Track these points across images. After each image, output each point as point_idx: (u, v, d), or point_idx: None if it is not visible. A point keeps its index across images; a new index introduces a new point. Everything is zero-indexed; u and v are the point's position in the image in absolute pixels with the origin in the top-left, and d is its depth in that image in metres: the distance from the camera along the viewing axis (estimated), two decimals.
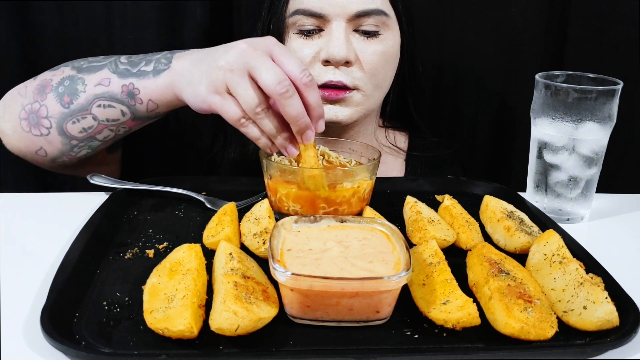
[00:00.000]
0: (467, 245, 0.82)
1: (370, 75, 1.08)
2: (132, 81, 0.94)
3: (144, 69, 0.94)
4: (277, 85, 0.79)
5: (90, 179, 1.00)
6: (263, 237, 0.79)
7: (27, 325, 0.64)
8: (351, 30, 1.07)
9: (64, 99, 0.95)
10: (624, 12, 1.31)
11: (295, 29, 1.08)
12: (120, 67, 0.96)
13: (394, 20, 1.11)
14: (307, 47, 1.07)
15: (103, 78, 0.95)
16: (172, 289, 0.66)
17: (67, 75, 0.97)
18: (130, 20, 1.34)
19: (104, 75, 0.95)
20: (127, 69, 0.95)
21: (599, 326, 0.63)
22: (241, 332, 0.60)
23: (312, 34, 1.08)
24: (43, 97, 0.97)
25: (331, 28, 1.06)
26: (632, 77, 1.30)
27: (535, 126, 0.98)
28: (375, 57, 1.08)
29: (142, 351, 0.60)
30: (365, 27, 1.07)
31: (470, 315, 0.62)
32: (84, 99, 0.95)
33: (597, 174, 0.97)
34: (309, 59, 1.07)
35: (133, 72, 0.94)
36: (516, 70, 1.40)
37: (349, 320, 0.64)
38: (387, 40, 1.10)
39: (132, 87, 0.94)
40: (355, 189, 0.86)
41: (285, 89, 0.80)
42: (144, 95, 0.94)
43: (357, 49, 1.07)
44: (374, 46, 1.08)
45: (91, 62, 0.99)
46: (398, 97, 1.23)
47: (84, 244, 0.78)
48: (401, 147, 1.27)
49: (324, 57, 1.05)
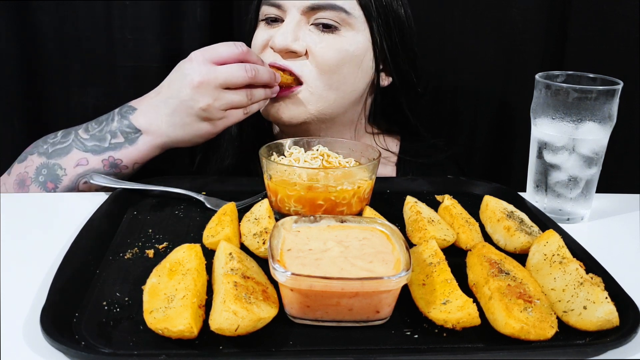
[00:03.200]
0: (467, 245, 0.82)
1: (322, 71, 1.06)
2: (110, 154, 1.00)
3: (114, 142, 1.00)
4: (247, 73, 0.97)
5: (90, 179, 1.00)
6: (263, 237, 0.78)
7: (27, 325, 0.64)
8: (308, 24, 1.07)
9: (48, 186, 1.00)
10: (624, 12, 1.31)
11: (262, 17, 1.12)
12: (89, 145, 1.00)
13: (361, 21, 1.09)
14: (264, 35, 1.10)
15: (79, 159, 1.00)
16: (172, 289, 0.66)
17: (39, 164, 1.01)
18: (130, 20, 1.34)
19: (77, 156, 1.00)
20: (97, 145, 1.00)
21: (599, 326, 0.63)
22: (241, 332, 0.60)
23: (274, 23, 1.10)
24: (25, 190, 1.01)
25: (286, 18, 1.08)
26: (632, 77, 1.30)
27: (535, 126, 0.98)
28: (329, 51, 1.06)
29: (142, 351, 0.60)
30: (322, 20, 1.06)
31: (470, 315, 0.62)
32: (68, 180, 1.00)
33: (597, 174, 0.97)
34: (260, 45, 1.11)
35: (105, 146, 1.00)
36: (516, 70, 1.40)
37: (349, 320, 0.64)
38: (347, 38, 1.07)
39: (112, 159, 0.99)
40: (355, 189, 0.86)
41: (253, 70, 0.97)
42: (129, 162, 1.01)
43: (308, 41, 1.06)
44: (329, 40, 1.06)
45: (55, 144, 1.02)
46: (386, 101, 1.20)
47: (84, 244, 0.78)
48: (393, 151, 1.25)
49: (270, 44, 1.08)
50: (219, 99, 0.97)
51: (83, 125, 1.04)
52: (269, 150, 0.93)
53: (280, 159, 0.92)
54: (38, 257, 0.79)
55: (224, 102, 0.97)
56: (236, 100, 0.98)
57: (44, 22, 1.33)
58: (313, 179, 0.84)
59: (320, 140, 0.98)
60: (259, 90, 1.01)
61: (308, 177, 0.85)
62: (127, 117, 1.01)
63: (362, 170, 0.87)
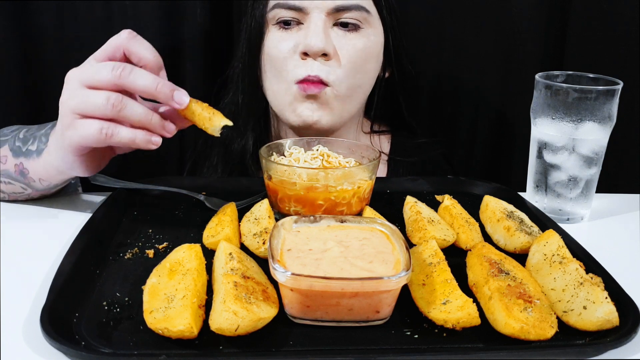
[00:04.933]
0: (467, 245, 0.82)
1: (349, 70, 1.07)
2: (22, 160, 0.92)
3: (30, 148, 0.91)
4: (112, 71, 0.77)
5: (90, 179, 0.99)
6: (263, 237, 0.79)
7: (27, 325, 0.64)
8: (331, 25, 1.07)
9: None
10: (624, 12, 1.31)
11: (275, 21, 1.08)
12: (16, 144, 0.93)
13: (376, 18, 1.10)
14: (286, 40, 1.07)
15: (2, 155, 0.94)
16: (172, 289, 0.66)
17: None
18: (130, 20, 1.34)
19: (3, 152, 0.94)
20: (19, 146, 0.93)
21: (599, 326, 0.63)
22: (241, 332, 0.60)
23: (291, 26, 1.07)
24: None
25: (310, 20, 1.05)
26: (632, 77, 1.30)
27: (535, 126, 0.98)
28: (355, 51, 1.07)
29: (142, 351, 0.60)
30: (345, 20, 1.06)
31: (470, 315, 0.62)
32: None
33: (597, 174, 0.97)
34: (287, 51, 1.06)
35: (22, 150, 0.92)
36: (516, 70, 1.39)
37: (349, 320, 0.64)
38: (368, 36, 1.08)
39: (22, 166, 0.92)
40: (355, 189, 0.86)
41: (120, 68, 0.77)
42: (34, 175, 0.92)
43: (335, 42, 1.06)
44: (354, 40, 1.07)
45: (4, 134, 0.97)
46: (384, 99, 1.21)
47: (84, 244, 0.78)
48: (384, 150, 1.26)
49: (302, 49, 1.05)
50: (77, 96, 0.79)
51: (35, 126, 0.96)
52: (269, 150, 0.93)
53: (280, 159, 0.92)
54: (38, 257, 0.79)
55: (80, 100, 0.78)
56: (93, 101, 0.77)
57: (44, 22, 1.33)
58: (313, 179, 0.84)
59: (320, 140, 0.98)
60: (135, 106, 0.79)
61: (308, 177, 0.85)
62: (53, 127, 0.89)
63: (362, 170, 0.87)
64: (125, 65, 0.78)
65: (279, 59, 1.07)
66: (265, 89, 1.13)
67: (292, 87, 1.06)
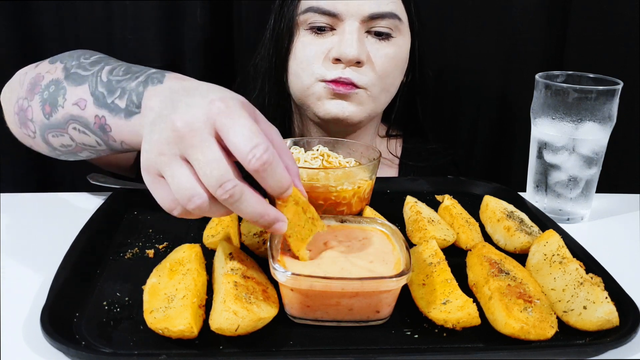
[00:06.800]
0: (467, 245, 0.82)
1: (380, 77, 1.08)
2: (105, 114, 0.77)
3: (117, 103, 0.76)
4: (224, 187, 0.59)
5: (90, 179, 0.99)
6: (263, 237, 0.79)
7: (27, 325, 0.64)
8: (364, 32, 1.07)
9: (45, 108, 0.82)
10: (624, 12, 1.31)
11: (307, 25, 1.08)
12: (99, 89, 0.78)
13: (406, 25, 1.11)
14: (318, 45, 1.07)
15: (80, 98, 0.79)
16: (172, 289, 0.66)
17: (55, 78, 0.83)
18: (130, 20, 1.34)
19: (82, 94, 0.80)
20: (103, 93, 0.78)
21: (599, 326, 0.63)
22: (241, 332, 0.60)
23: (324, 31, 1.07)
24: (31, 97, 0.84)
25: (344, 27, 1.05)
26: (632, 77, 1.30)
27: (535, 126, 0.98)
28: (387, 59, 1.08)
29: (142, 351, 0.60)
30: (378, 28, 1.07)
31: (470, 315, 0.62)
32: (61, 115, 0.81)
33: (597, 174, 0.97)
34: (318, 56, 1.06)
35: (107, 102, 0.77)
36: (516, 70, 1.40)
37: (349, 320, 0.64)
38: (398, 44, 1.09)
39: (104, 121, 0.77)
40: (355, 189, 0.86)
41: (236, 187, 0.60)
42: (116, 135, 0.77)
43: (369, 50, 1.07)
44: (386, 49, 1.08)
45: (82, 64, 0.83)
46: (405, 103, 1.22)
47: (84, 244, 0.78)
48: (396, 155, 1.27)
49: (335, 55, 1.05)
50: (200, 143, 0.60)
51: (116, 63, 0.82)
52: None
53: None
54: (38, 257, 0.79)
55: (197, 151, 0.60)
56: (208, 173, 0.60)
57: (44, 22, 1.33)
58: (313, 179, 0.84)
59: (320, 140, 0.98)
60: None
61: (308, 177, 0.85)
62: (148, 85, 0.74)
63: (362, 170, 0.87)
64: (243, 187, 0.60)
65: (308, 62, 1.07)
66: (291, 87, 1.13)
67: (321, 84, 1.07)
